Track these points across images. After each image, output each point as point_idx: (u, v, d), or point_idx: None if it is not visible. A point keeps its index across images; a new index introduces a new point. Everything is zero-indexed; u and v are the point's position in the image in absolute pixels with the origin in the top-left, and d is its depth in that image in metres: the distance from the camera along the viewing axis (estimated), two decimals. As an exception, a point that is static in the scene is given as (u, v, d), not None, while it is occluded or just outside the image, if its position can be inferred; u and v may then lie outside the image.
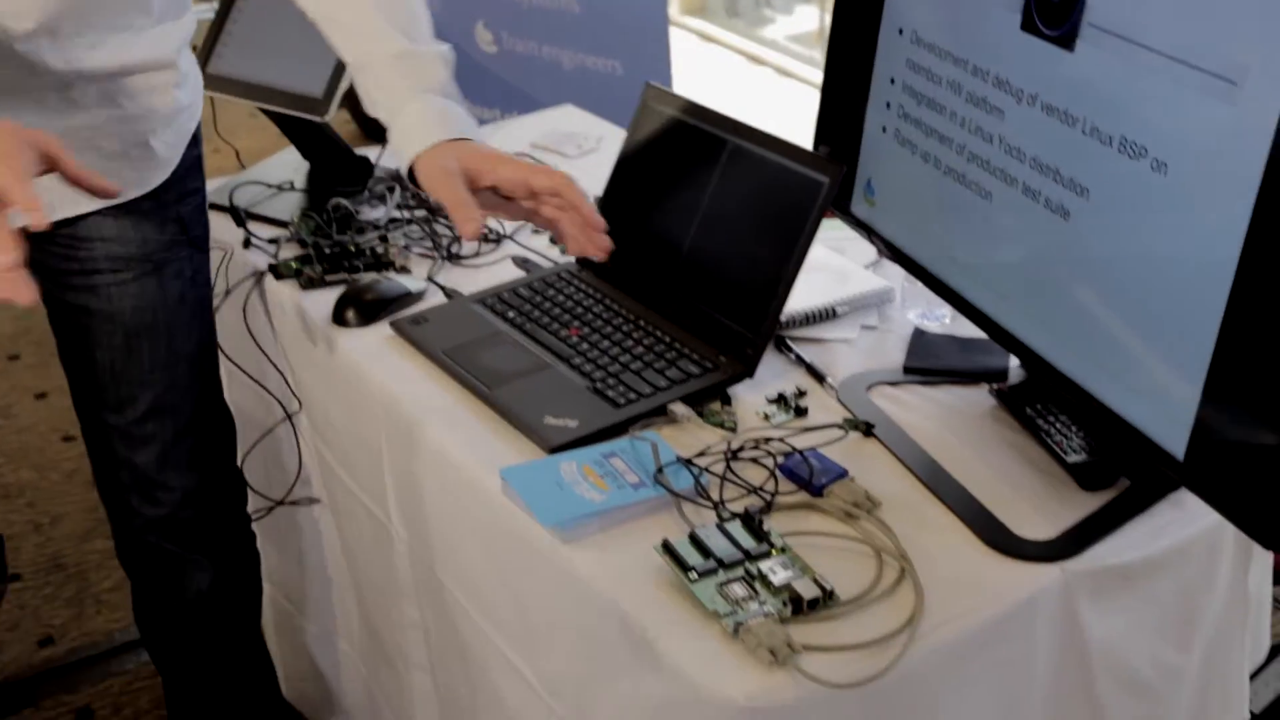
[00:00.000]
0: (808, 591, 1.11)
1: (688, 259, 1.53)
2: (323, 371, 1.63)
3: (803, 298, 1.56)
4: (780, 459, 1.31)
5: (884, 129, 1.49)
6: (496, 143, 2.10)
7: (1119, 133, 1.15)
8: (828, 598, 1.12)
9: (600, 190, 1.69)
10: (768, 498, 1.25)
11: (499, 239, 1.81)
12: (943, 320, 1.59)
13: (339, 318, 1.59)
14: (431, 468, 1.41)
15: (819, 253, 1.68)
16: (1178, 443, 1.13)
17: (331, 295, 1.63)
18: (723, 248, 1.50)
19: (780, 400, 1.42)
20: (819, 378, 1.48)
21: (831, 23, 1.57)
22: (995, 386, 1.43)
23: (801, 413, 1.41)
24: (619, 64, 3.27)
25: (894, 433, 1.37)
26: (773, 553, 1.16)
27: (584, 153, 2.11)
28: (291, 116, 1.86)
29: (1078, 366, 1.25)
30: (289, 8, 1.45)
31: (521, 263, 1.75)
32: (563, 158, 2.09)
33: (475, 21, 3.49)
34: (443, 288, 1.67)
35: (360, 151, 1.97)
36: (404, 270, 1.72)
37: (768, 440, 1.33)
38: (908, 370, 1.49)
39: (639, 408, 1.38)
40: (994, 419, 1.40)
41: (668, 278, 1.55)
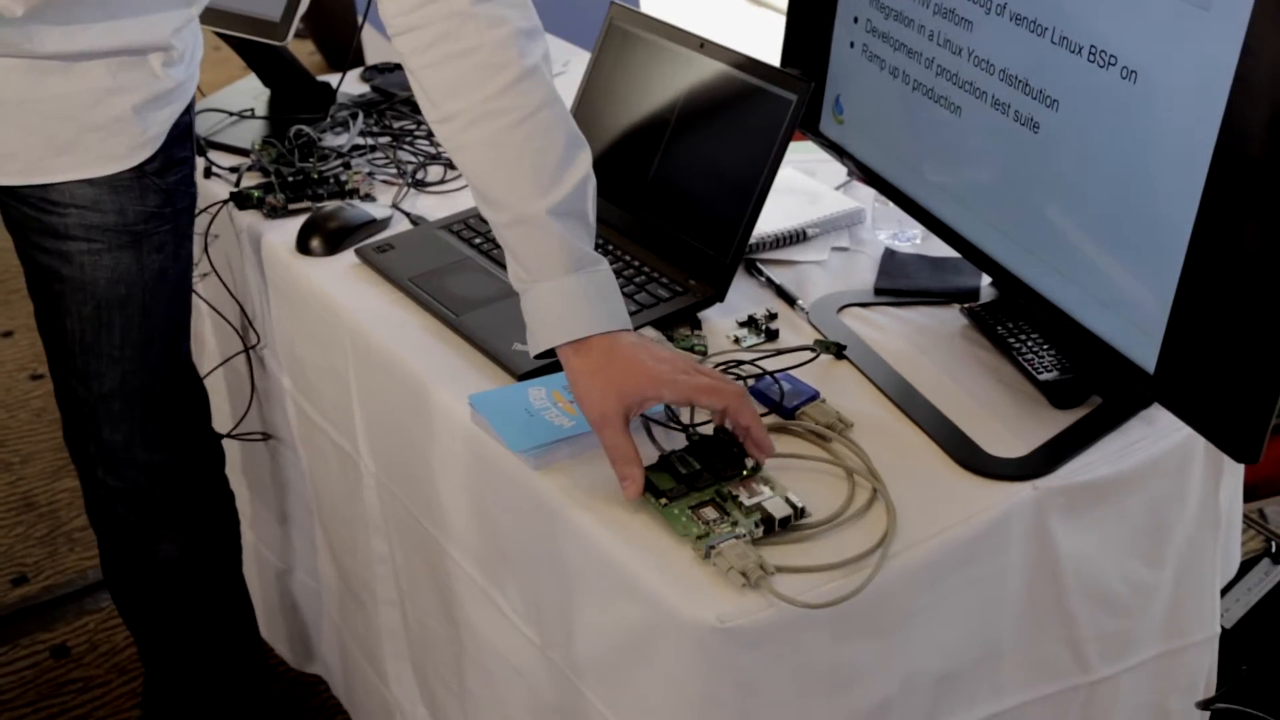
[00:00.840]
0: (778, 510, 1.10)
1: (655, 182, 1.51)
2: (288, 302, 1.61)
3: (773, 220, 1.54)
4: (751, 381, 1.30)
5: (851, 44, 1.47)
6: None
7: (1088, 41, 1.13)
8: (799, 515, 1.11)
9: (566, 113, 1.67)
10: (739, 420, 1.24)
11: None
12: (914, 240, 1.58)
13: (303, 246, 1.57)
14: (400, 397, 1.40)
15: (789, 175, 1.66)
16: (1148, 356, 1.12)
17: (295, 224, 1.60)
18: (691, 170, 1.48)
19: (751, 323, 1.41)
20: (790, 300, 1.46)
21: (799, -63, 1.54)
22: (967, 306, 1.42)
23: (772, 335, 1.40)
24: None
25: (865, 354, 1.36)
26: (744, 473, 1.16)
27: (551, 76, 2.07)
28: (250, 42, 1.82)
29: (1049, 283, 1.24)
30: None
31: (488, 189, 1.72)
32: (529, 82, 2.05)
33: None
34: (408, 214, 1.65)
35: (322, 78, 1.94)
36: (368, 197, 1.69)
37: (738, 363, 1.32)
38: (879, 291, 1.48)
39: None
40: (965, 338, 1.40)
41: (636, 201, 1.53)
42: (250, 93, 1.95)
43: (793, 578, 1.07)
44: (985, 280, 1.46)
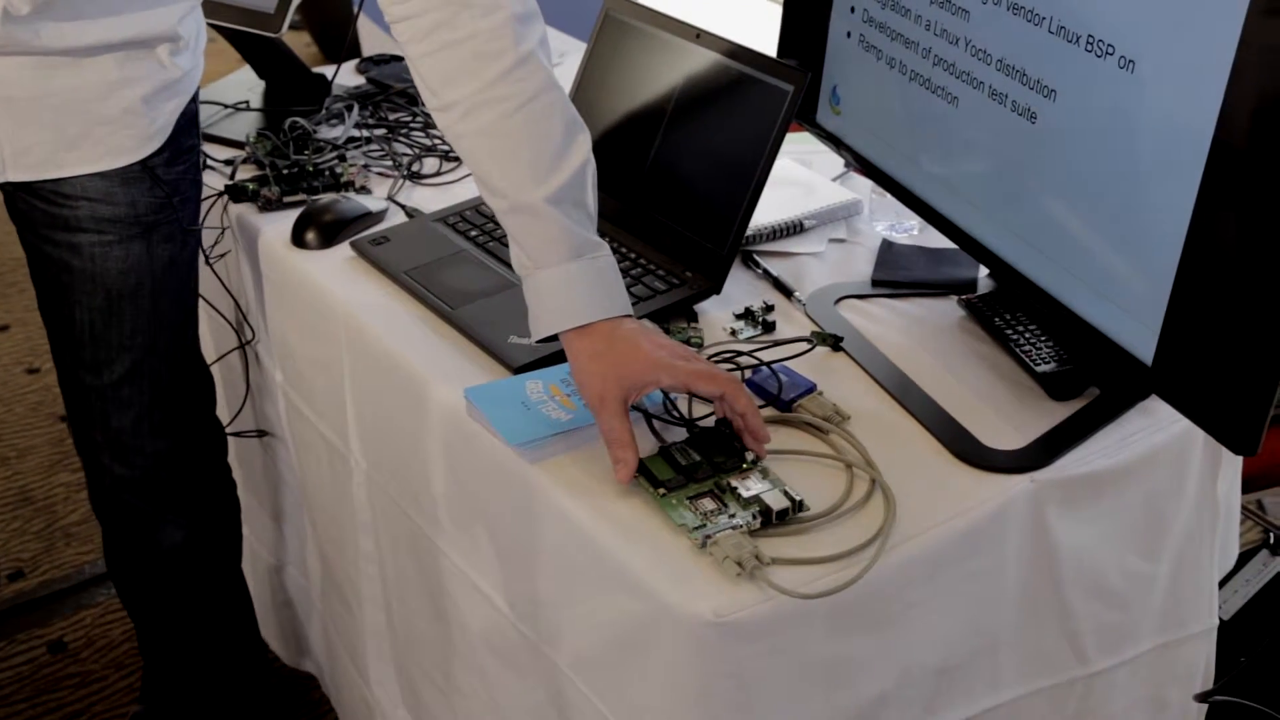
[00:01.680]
0: (777, 503, 1.10)
1: (652, 174, 1.51)
2: (282, 296, 1.60)
3: (769, 211, 1.54)
4: (748, 374, 1.29)
5: (848, 35, 1.46)
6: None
7: (1086, 31, 1.12)
8: (797, 508, 1.11)
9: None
10: (736, 413, 1.24)
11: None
12: (911, 232, 1.57)
13: (298, 239, 1.56)
14: (395, 391, 1.39)
15: (785, 166, 1.66)
16: (1146, 349, 1.12)
17: (289, 217, 1.60)
18: (687, 161, 1.48)
19: (747, 315, 1.41)
20: (786, 292, 1.46)
21: (795, -73, 1.53)
22: (964, 297, 1.42)
23: (769, 327, 1.39)
24: (583, -22, 3.21)
25: (862, 346, 1.36)
26: (743, 466, 1.15)
27: (550, 61, 2.06)
28: (245, 34, 1.82)
29: (1047, 274, 1.23)
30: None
31: (484, 181, 1.72)
32: (525, 74, 2.05)
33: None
34: (404, 207, 1.64)
35: (317, 70, 1.93)
36: (363, 190, 1.69)
37: (735, 355, 1.32)
38: (876, 283, 1.48)
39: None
40: (963, 330, 1.39)
41: (632, 193, 1.52)
42: (245, 85, 1.94)
43: (789, 570, 1.06)
44: (983, 272, 1.45)
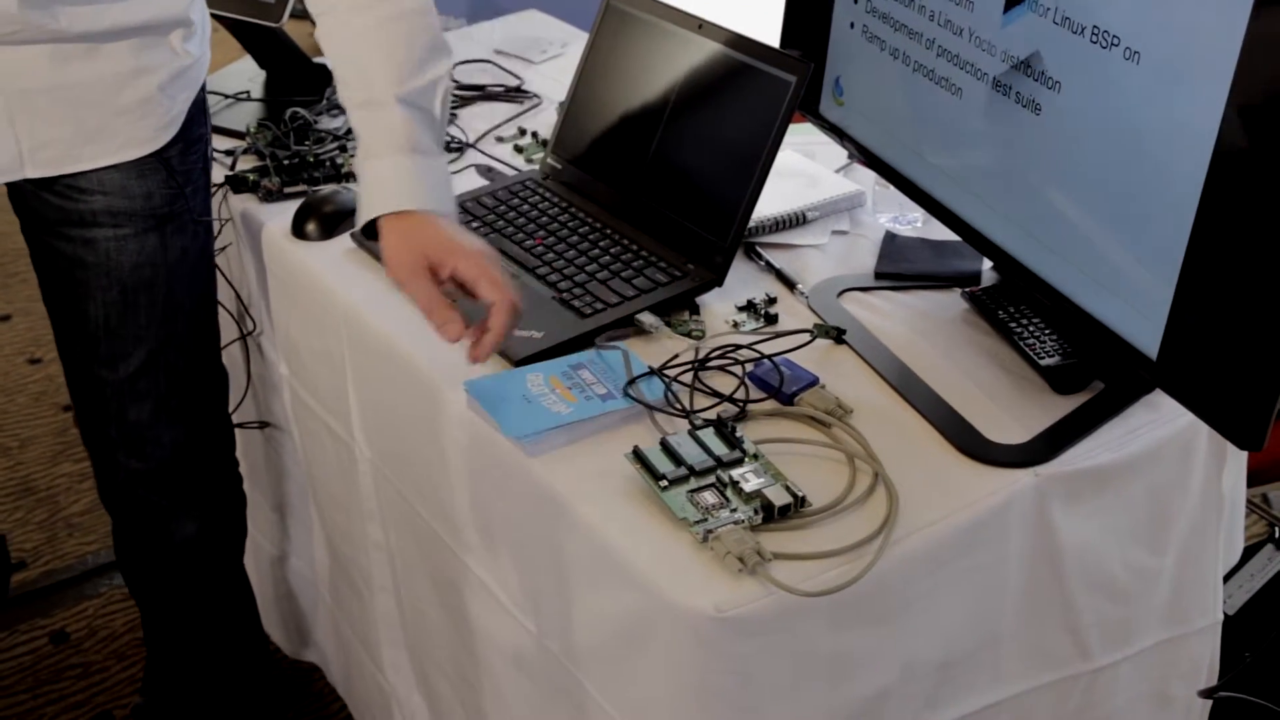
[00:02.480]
0: (779, 498, 1.09)
1: (654, 165, 1.50)
2: (283, 287, 1.60)
3: (772, 203, 1.53)
4: (750, 367, 1.28)
5: (851, 25, 1.45)
6: (462, 51, 2.05)
7: (1091, 22, 1.11)
8: (799, 504, 1.10)
9: (564, 96, 1.65)
10: (739, 406, 1.23)
11: (462, 147, 1.77)
12: (914, 224, 1.56)
13: (299, 230, 1.56)
14: (396, 383, 1.39)
15: (789, 157, 1.65)
16: (1151, 342, 1.11)
17: (290, 208, 1.59)
18: (689, 153, 1.47)
19: (750, 307, 1.40)
20: (789, 284, 1.45)
21: (799, -83, 1.52)
22: (968, 290, 1.41)
23: (771, 320, 1.39)
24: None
25: (865, 339, 1.35)
26: (745, 459, 1.15)
27: (549, 58, 2.06)
28: (246, 23, 1.81)
29: (1051, 267, 1.23)
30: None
31: (485, 171, 1.71)
32: (527, 63, 2.04)
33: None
34: (405, 199, 1.63)
35: (318, 60, 1.92)
36: (364, 181, 1.68)
37: (737, 348, 1.31)
38: (879, 275, 1.47)
39: (606, 318, 1.35)
40: (966, 323, 1.38)
41: (634, 185, 1.52)
42: (246, 75, 1.94)
43: (791, 565, 1.06)
44: (986, 264, 1.45)
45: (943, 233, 1.43)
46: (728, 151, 1.42)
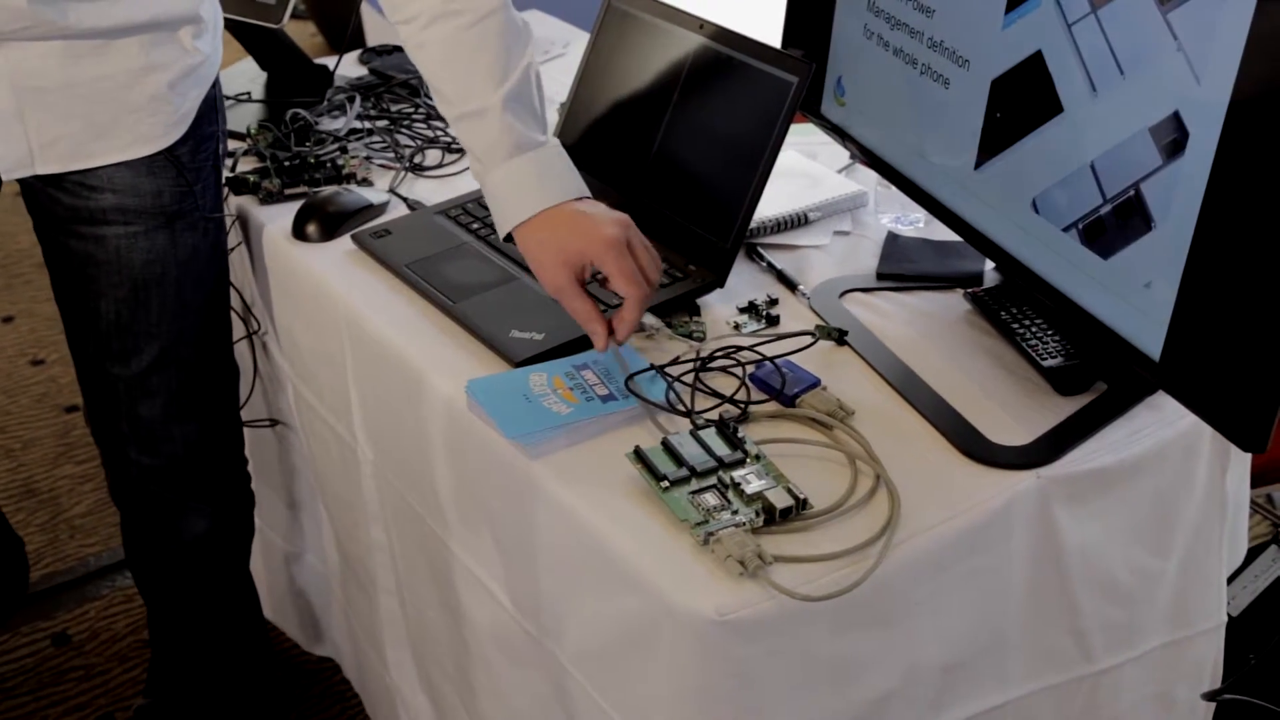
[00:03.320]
0: (780, 501, 1.09)
1: (655, 166, 1.50)
2: (284, 288, 1.60)
3: (774, 204, 1.52)
4: (751, 368, 1.28)
5: (853, 25, 1.45)
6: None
7: (1090, 22, 1.11)
8: (801, 506, 1.10)
9: (565, 96, 1.65)
10: (740, 407, 1.22)
11: (463, 148, 1.76)
12: (917, 224, 1.56)
13: (299, 232, 1.55)
14: (396, 385, 1.38)
15: (790, 158, 1.65)
16: (1154, 344, 1.10)
17: (291, 209, 1.59)
18: (691, 153, 1.46)
19: (751, 309, 1.39)
20: (791, 285, 1.45)
21: (800, -84, 1.52)
22: (970, 290, 1.41)
23: (773, 321, 1.38)
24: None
25: (867, 340, 1.34)
26: (747, 461, 1.14)
27: (550, 58, 2.06)
28: (247, 24, 1.81)
29: (1053, 268, 1.22)
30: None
31: (486, 173, 1.71)
32: (529, 65, 2.04)
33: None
34: (405, 199, 1.63)
35: (319, 60, 1.92)
36: (365, 182, 1.68)
37: (738, 349, 1.30)
38: (881, 276, 1.46)
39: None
40: (969, 324, 1.38)
41: (635, 185, 1.51)
42: (247, 76, 1.93)
43: (793, 568, 1.05)
44: (989, 265, 1.44)
45: (945, 233, 1.43)
46: (729, 152, 1.42)
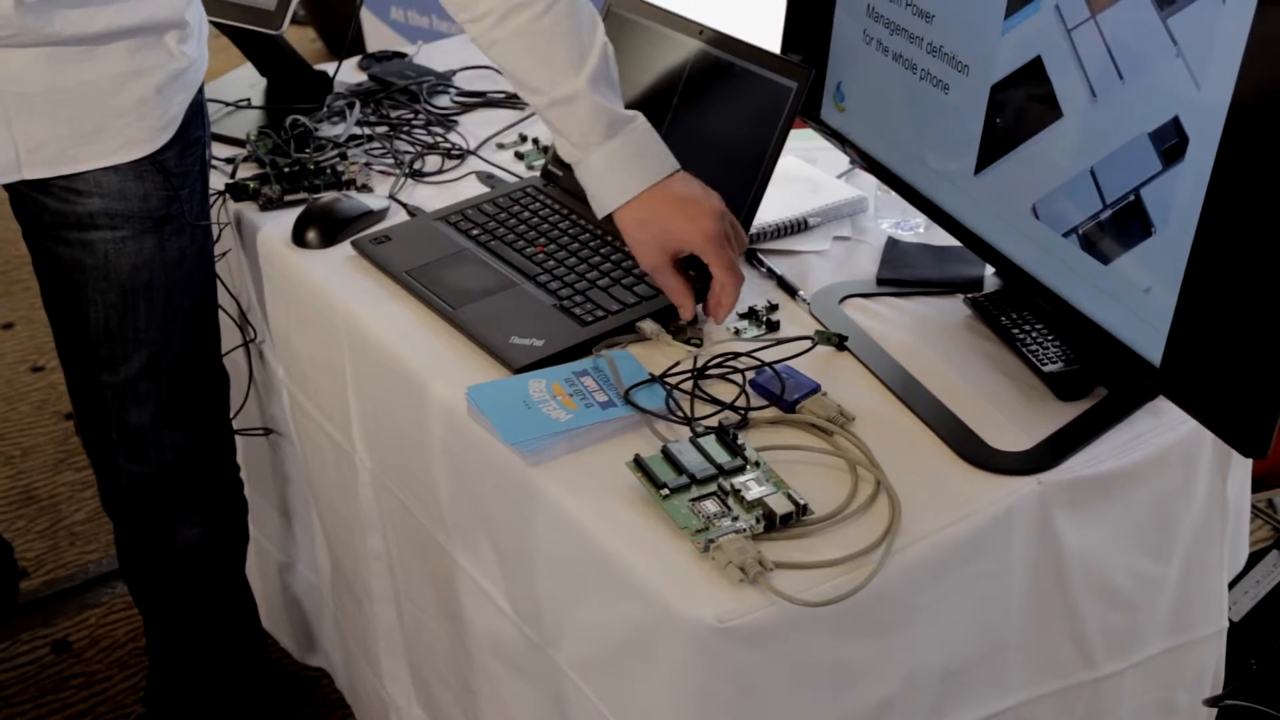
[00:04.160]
0: (780, 507, 1.09)
1: (655, 171, 1.49)
2: (283, 295, 1.59)
3: (774, 209, 1.52)
4: (751, 374, 1.28)
5: (852, 30, 1.45)
6: (463, 58, 2.05)
7: (1090, 28, 1.11)
8: (801, 513, 1.09)
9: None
10: (740, 413, 1.22)
11: (463, 154, 1.77)
12: (917, 229, 1.56)
13: (299, 238, 1.55)
14: (396, 391, 1.38)
15: (790, 163, 1.64)
16: (1154, 349, 1.10)
17: (290, 215, 1.59)
18: (690, 159, 1.46)
19: (751, 314, 1.39)
20: (791, 291, 1.44)
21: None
22: (970, 296, 1.40)
23: (773, 327, 1.38)
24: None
25: (867, 345, 1.34)
26: (747, 467, 1.14)
27: None
28: (246, 31, 1.81)
29: (1053, 273, 1.22)
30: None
31: (486, 178, 1.71)
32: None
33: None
34: (405, 205, 1.63)
35: (318, 66, 1.92)
36: (365, 188, 1.67)
37: (738, 355, 1.30)
38: (881, 281, 1.46)
39: (606, 325, 1.35)
40: (969, 329, 1.38)
41: (635, 191, 1.51)
42: (246, 82, 1.93)
43: (793, 574, 1.05)
44: (989, 270, 1.44)
45: (945, 239, 1.43)
46: (729, 157, 1.42)
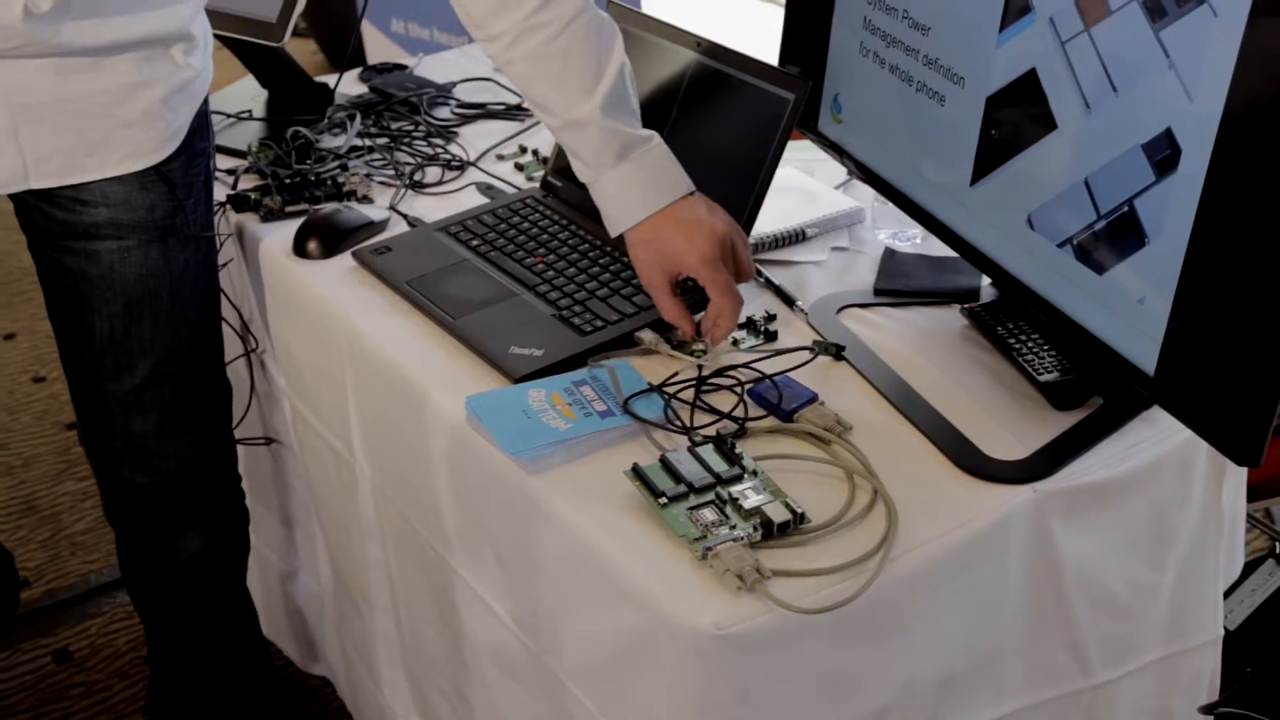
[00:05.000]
0: (778, 515, 1.09)
1: (654, 182, 1.50)
2: (284, 305, 1.60)
3: (772, 220, 1.53)
4: (749, 385, 1.29)
5: (850, 42, 1.46)
6: (462, 69, 2.06)
7: (1084, 40, 1.12)
8: (798, 521, 1.10)
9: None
10: (738, 423, 1.23)
11: (463, 165, 1.78)
12: (914, 240, 1.57)
13: (300, 249, 1.56)
14: (396, 401, 1.39)
15: (788, 174, 1.65)
16: (1148, 358, 1.11)
17: (292, 226, 1.59)
18: (689, 169, 1.47)
19: (749, 324, 1.40)
20: (789, 301, 1.45)
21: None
22: (967, 306, 1.41)
23: (771, 336, 1.39)
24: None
25: (864, 355, 1.35)
26: (745, 476, 1.15)
27: None
28: (248, 43, 1.82)
29: (1048, 283, 1.23)
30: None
31: (485, 189, 1.72)
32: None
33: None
34: (405, 216, 1.64)
35: (320, 78, 1.93)
36: (365, 199, 1.68)
37: (736, 366, 1.31)
38: (878, 291, 1.47)
39: (605, 335, 1.36)
40: (965, 339, 1.39)
41: (634, 202, 1.52)
42: (248, 94, 1.94)
43: (791, 582, 1.06)
44: (985, 280, 1.45)
45: (941, 249, 1.43)
46: (727, 168, 1.43)
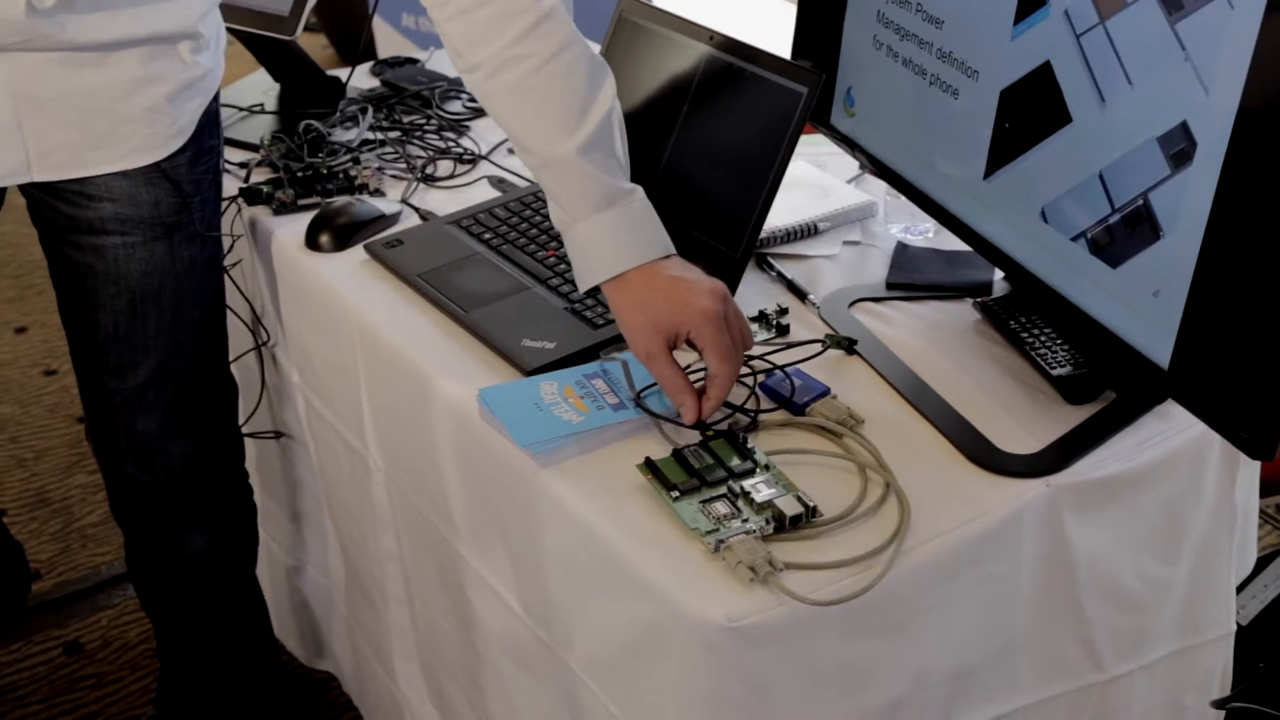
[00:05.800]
0: (790, 508, 1.09)
1: (665, 176, 1.50)
2: (296, 299, 1.61)
3: (784, 214, 1.53)
4: (761, 377, 1.29)
5: (863, 35, 1.46)
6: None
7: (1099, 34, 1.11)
8: (810, 514, 1.10)
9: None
10: (750, 416, 1.23)
11: (475, 159, 1.78)
12: (926, 234, 1.57)
13: (312, 242, 1.56)
14: (408, 394, 1.39)
15: (800, 168, 1.65)
16: (1162, 352, 1.11)
17: (304, 220, 1.60)
18: (701, 163, 1.47)
19: (761, 318, 1.40)
20: (801, 295, 1.45)
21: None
22: (979, 300, 1.41)
23: (783, 330, 1.39)
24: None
25: (877, 349, 1.35)
26: (756, 470, 1.15)
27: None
28: (260, 36, 1.82)
29: (1062, 277, 1.22)
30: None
31: (497, 183, 1.72)
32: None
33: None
34: (417, 210, 1.64)
35: (331, 72, 1.94)
36: (378, 193, 1.69)
37: (748, 359, 1.31)
38: (890, 285, 1.47)
39: (618, 328, 1.36)
40: (978, 333, 1.38)
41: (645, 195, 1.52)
42: (260, 87, 1.95)
43: (803, 575, 1.06)
44: (998, 274, 1.45)
45: (954, 243, 1.43)
46: (739, 163, 1.43)
